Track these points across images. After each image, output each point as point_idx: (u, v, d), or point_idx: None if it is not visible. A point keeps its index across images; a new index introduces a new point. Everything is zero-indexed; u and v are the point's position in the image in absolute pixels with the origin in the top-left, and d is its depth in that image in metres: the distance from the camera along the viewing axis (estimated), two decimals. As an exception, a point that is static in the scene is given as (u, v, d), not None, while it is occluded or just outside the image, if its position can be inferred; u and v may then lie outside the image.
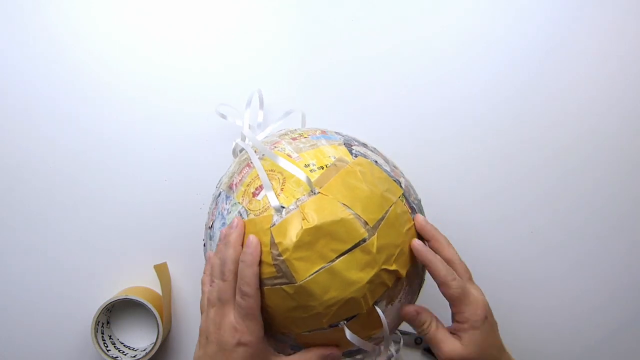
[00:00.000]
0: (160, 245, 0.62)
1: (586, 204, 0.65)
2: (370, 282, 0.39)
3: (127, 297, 0.56)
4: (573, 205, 0.65)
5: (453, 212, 0.64)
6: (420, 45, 0.65)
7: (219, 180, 0.50)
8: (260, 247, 0.39)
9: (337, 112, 0.65)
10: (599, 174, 0.65)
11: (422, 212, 0.47)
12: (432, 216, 0.49)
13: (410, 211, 0.44)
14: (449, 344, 0.42)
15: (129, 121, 0.63)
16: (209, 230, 0.46)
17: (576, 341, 0.65)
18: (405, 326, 0.61)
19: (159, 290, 0.61)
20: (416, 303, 0.46)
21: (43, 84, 0.62)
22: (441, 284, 0.42)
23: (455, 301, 0.42)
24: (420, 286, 0.47)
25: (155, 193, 0.63)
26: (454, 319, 0.43)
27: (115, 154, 0.62)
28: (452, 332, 0.43)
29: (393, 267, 0.40)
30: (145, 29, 0.63)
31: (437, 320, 0.44)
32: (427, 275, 0.45)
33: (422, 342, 0.62)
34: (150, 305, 0.56)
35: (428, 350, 0.62)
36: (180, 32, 0.63)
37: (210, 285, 0.42)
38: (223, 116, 0.60)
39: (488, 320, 0.43)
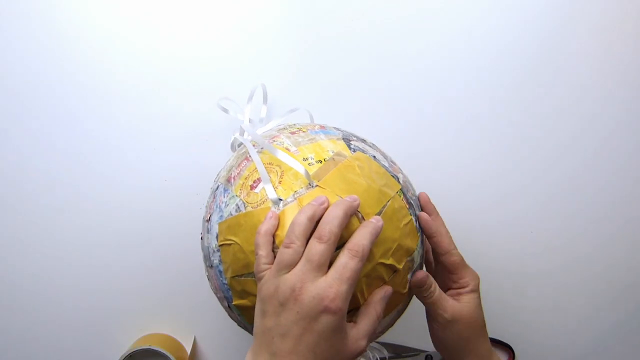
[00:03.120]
0: (160, 244, 0.62)
1: (586, 204, 0.65)
2: (367, 275, 0.39)
3: (150, 347, 0.56)
4: (573, 205, 0.65)
5: (452, 213, 0.63)
6: (426, 44, 0.64)
7: (217, 174, 0.50)
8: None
9: (343, 111, 0.64)
10: (600, 174, 0.65)
11: (419, 209, 0.47)
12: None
13: (408, 207, 0.44)
14: (452, 304, 0.46)
15: (129, 122, 0.62)
16: (206, 224, 0.46)
17: (577, 340, 0.65)
18: (414, 344, 0.62)
19: (178, 338, 0.62)
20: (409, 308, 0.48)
21: (40, 86, 0.61)
22: (445, 253, 0.46)
23: (457, 268, 0.47)
24: None
25: (154, 193, 0.62)
26: (450, 287, 0.47)
27: (114, 154, 0.62)
28: (450, 296, 0.47)
29: (389, 261, 0.40)
30: (145, 29, 0.62)
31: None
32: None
33: None
34: (172, 358, 0.55)
35: None
36: (180, 31, 0.63)
37: (288, 247, 0.37)
38: (225, 110, 0.59)
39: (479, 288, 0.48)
